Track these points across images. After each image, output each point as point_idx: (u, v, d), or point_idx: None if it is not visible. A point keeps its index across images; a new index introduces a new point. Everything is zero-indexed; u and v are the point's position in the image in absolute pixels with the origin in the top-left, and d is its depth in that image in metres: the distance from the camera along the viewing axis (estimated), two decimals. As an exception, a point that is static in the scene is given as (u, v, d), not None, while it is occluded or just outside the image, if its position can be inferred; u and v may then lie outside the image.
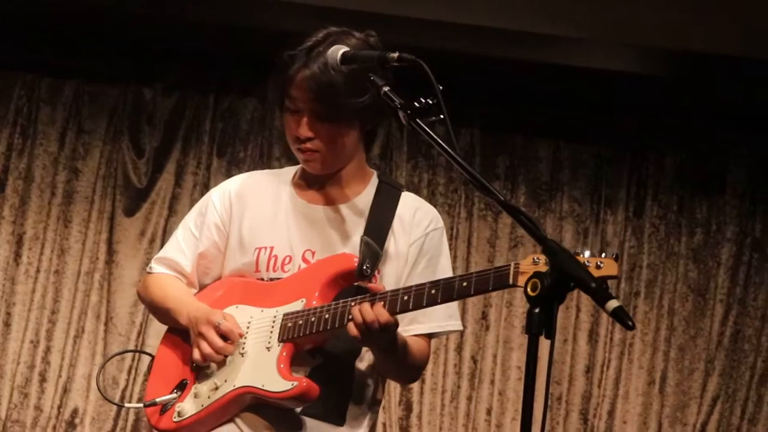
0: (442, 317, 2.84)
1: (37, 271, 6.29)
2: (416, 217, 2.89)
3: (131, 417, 6.16)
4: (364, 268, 2.71)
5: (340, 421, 2.77)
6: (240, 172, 3.21)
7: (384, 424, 6.19)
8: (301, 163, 2.88)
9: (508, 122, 6.54)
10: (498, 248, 6.48)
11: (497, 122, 6.52)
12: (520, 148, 6.59)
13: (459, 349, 6.32)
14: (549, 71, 5.91)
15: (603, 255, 2.26)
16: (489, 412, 6.33)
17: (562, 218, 6.52)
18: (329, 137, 2.77)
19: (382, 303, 2.58)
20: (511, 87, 6.21)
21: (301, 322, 2.68)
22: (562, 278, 2.09)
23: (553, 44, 5.70)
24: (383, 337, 2.59)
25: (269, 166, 6.15)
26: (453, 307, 2.85)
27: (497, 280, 2.45)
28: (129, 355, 6.17)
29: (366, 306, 2.58)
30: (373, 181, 2.93)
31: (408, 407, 6.28)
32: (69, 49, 6.36)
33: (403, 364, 2.78)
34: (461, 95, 4.16)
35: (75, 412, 6.16)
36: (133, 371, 6.18)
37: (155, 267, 2.99)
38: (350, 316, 2.59)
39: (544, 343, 2.10)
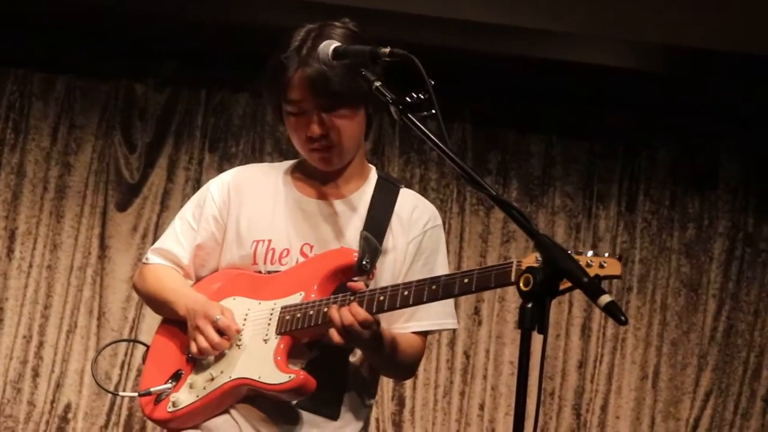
0: (440, 315, 2.85)
1: (30, 266, 6.29)
2: (414, 214, 2.89)
3: (124, 412, 6.17)
4: (364, 263, 2.71)
5: (334, 415, 2.76)
6: (232, 167, 3.20)
7: (377, 420, 6.20)
8: (314, 162, 2.85)
9: (501, 117, 6.54)
10: (490, 243, 6.48)
11: (489, 117, 6.52)
12: (512, 143, 6.59)
13: (451, 344, 6.33)
14: (542, 66, 5.91)
15: (606, 255, 2.25)
16: (482, 407, 6.33)
17: (554, 213, 6.53)
18: (340, 128, 2.75)
19: (382, 298, 2.58)
20: (503, 82, 6.21)
21: (299, 315, 2.68)
22: (555, 273, 2.09)
23: (546, 39, 5.70)
24: (364, 335, 2.59)
25: (261, 161, 6.11)
26: (450, 305, 2.85)
27: (499, 277, 2.45)
28: (122, 350, 6.17)
29: (343, 308, 2.58)
30: (372, 177, 2.93)
31: (401, 402, 6.28)
32: (61, 44, 6.35)
33: (393, 361, 2.78)
34: (453, 90, 4.16)
35: (68, 406, 6.16)
36: (126, 366, 6.18)
37: (152, 258, 2.97)
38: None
39: (536, 338, 2.09)
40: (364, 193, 2.89)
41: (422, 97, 2.45)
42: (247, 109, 6.55)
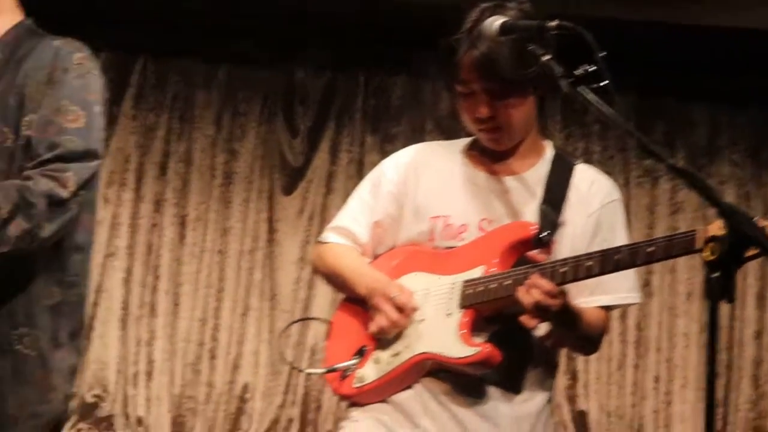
0: (624, 289, 2.81)
1: (202, 251, 6.47)
2: (592, 189, 2.86)
3: (300, 390, 6.28)
4: (543, 235, 2.71)
5: (517, 389, 2.76)
6: (394, 148, 3.22)
7: (550, 394, 6.18)
8: (484, 142, 2.86)
9: (664, 87, 6.43)
10: (657, 215, 6.40)
11: (653, 88, 6.41)
12: (676, 113, 6.48)
13: (623, 317, 6.27)
14: (704, 34, 5.79)
15: None
16: (657, 379, 6.25)
17: (722, 182, 6.41)
18: (508, 113, 2.75)
19: (565, 269, 2.57)
20: (666, 52, 6.10)
21: (481, 288, 2.68)
22: (741, 241, 2.04)
23: (709, 6, 5.59)
24: (553, 307, 2.58)
25: (422, 141, 6.15)
26: (633, 278, 2.82)
27: (685, 245, 2.41)
28: (295, 330, 6.27)
29: (529, 284, 2.57)
30: (548, 153, 2.92)
31: (574, 376, 6.25)
32: (221, 34, 6.48)
33: (581, 334, 2.76)
34: (615, 61, 4.11)
35: (245, 387, 6.31)
36: (299, 346, 6.29)
37: (330, 236, 3.00)
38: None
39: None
40: (539, 170, 2.87)
41: (591, 69, 2.42)
42: (406, 90, 6.59)
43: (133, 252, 6.46)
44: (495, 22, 2.60)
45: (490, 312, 2.72)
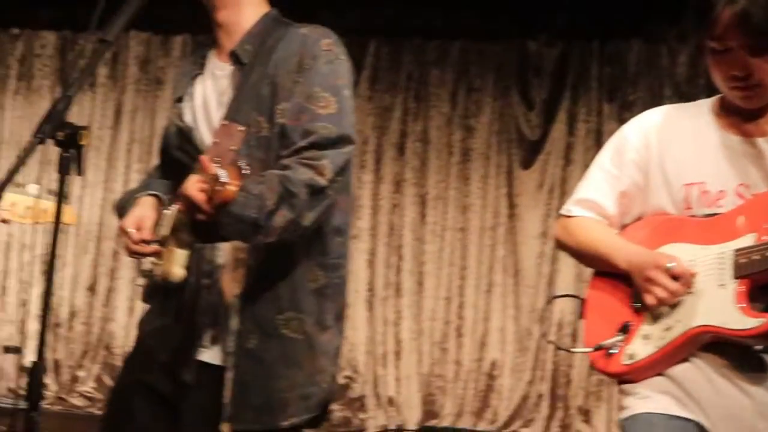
0: None
1: (443, 229, 6.50)
2: None
3: (549, 366, 6.25)
4: None
5: (797, 361, 2.65)
6: (632, 115, 3.10)
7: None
8: (735, 100, 2.75)
9: None
10: None
11: None
12: None
13: None
14: None
15: None
16: None
17: None
18: (765, 70, 2.64)
19: None
20: None
21: (757, 257, 2.57)
22: None
23: None
24: None
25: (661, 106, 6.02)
26: None
27: None
28: (541, 306, 6.23)
29: None
30: None
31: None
32: (452, 10, 6.47)
33: None
34: None
35: (493, 364, 6.32)
36: (545, 322, 6.24)
37: (575, 209, 2.91)
38: None
39: None
40: (790, 130, 2.75)
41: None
42: (642, 55, 6.44)
43: (375, 233, 6.55)
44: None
45: (765, 281, 2.62)
